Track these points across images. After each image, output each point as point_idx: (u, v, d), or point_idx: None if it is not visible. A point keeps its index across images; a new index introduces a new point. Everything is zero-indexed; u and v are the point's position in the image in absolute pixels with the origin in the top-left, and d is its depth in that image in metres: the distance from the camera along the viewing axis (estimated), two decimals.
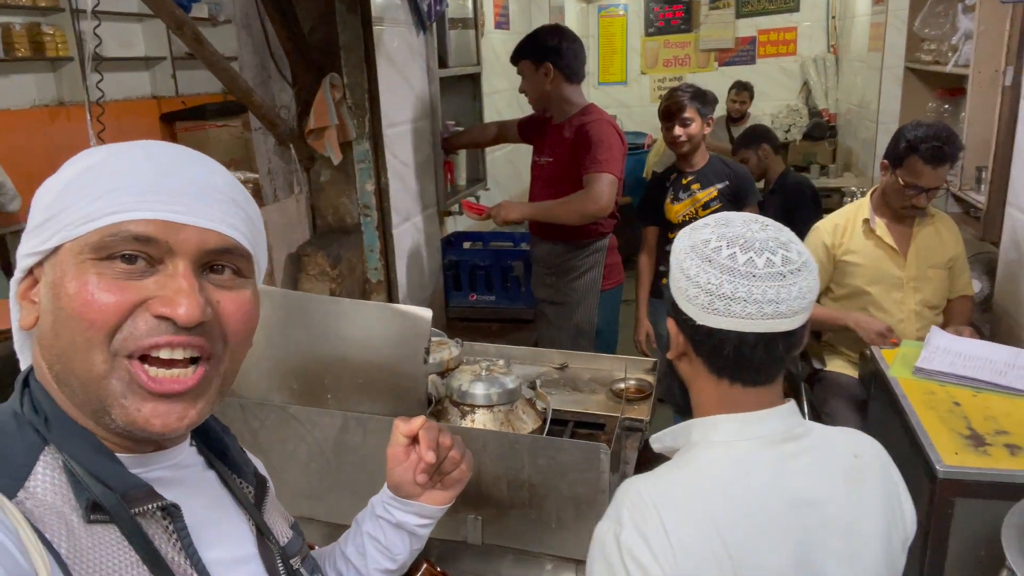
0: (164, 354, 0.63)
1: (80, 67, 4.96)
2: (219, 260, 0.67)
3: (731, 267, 0.91)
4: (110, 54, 5.06)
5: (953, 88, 3.61)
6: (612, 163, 2.47)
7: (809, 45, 7.00)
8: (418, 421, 0.99)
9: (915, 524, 1.03)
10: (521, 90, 2.72)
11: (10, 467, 0.61)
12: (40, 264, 0.66)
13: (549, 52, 2.56)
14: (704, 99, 2.72)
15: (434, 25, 2.88)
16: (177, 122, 5.52)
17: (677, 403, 1.11)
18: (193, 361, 0.66)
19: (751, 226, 0.94)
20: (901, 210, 2.35)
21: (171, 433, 0.65)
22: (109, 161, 0.65)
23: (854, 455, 0.99)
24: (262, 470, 0.89)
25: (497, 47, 4.09)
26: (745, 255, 0.91)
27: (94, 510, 0.62)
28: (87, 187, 0.63)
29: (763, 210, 2.87)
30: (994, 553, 1.55)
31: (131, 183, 0.63)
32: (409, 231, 2.80)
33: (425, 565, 1.23)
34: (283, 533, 0.82)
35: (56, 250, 0.64)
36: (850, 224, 2.46)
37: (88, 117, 1.57)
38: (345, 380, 1.46)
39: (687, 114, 2.68)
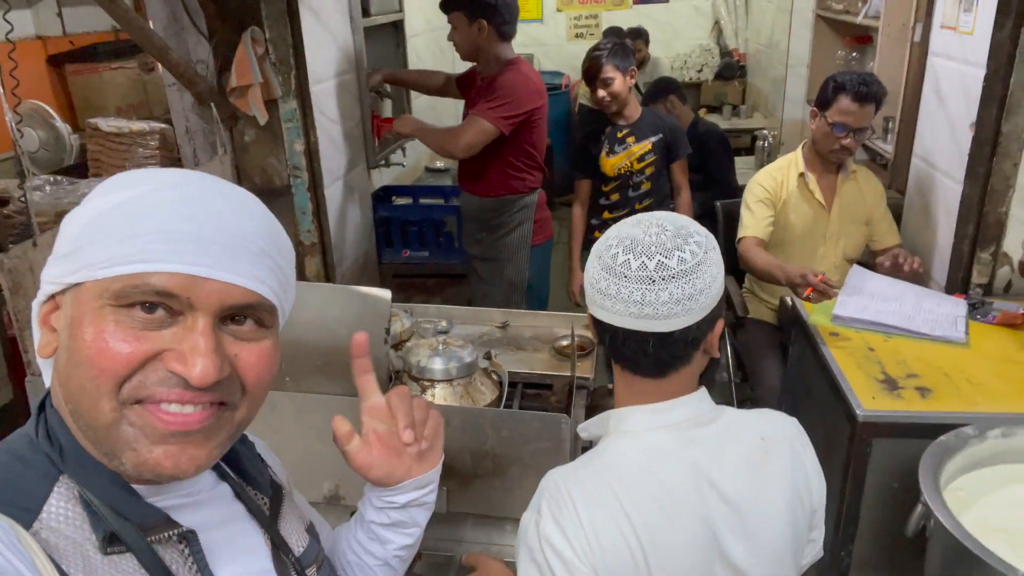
0: (174, 408, 0.63)
1: None
2: (241, 313, 0.66)
3: (610, 266, 0.99)
4: None
5: (861, 36, 3.76)
6: (497, 112, 2.49)
7: None
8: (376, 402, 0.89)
9: (823, 497, 1.10)
10: (450, 39, 2.67)
11: (26, 497, 0.61)
12: (62, 292, 0.65)
13: (485, 8, 2.51)
14: (622, 53, 2.74)
15: None
16: (66, 65, 5.08)
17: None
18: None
19: (650, 229, 0.99)
20: (829, 154, 2.44)
21: (181, 475, 0.65)
22: (143, 199, 0.63)
23: (761, 437, 1.05)
24: (278, 475, 0.88)
25: None
26: (624, 256, 0.97)
27: (111, 542, 0.62)
28: (115, 226, 0.61)
29: None
30: (907, 487, 1.72)
31: (159, 228, 0.61)
32: (340, 190, 2.74)
33: None
34: (299, 541, 0.81)
35: (78, 284, 0.63)
36: (786, 177, 2.54)
37: None
38: (303, 362, 1.46)
39: (607, 74, 2.71)
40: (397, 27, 3.41)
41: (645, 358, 1.01)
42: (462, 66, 2.85)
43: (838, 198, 2.51)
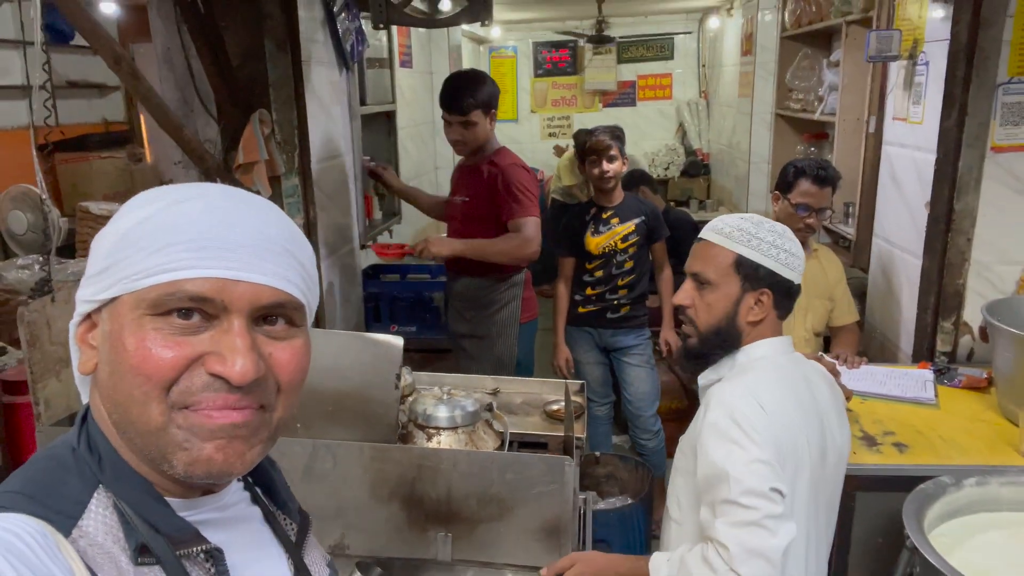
0: (217, 416, 0.65)
1: None
2: (273, 313, 0.68)
3: (793, 239, 1.47)
4: None
5: (818, 132, 4.05)
6: (535, 206, 2.65)
7: (683, 90, 7.56)
8: None
9: None
10: (458, 139, 2.72)
11: (67, 504, 0.62)
12: (98, 310, 0.67)
13: (494, 98, 2.69)
14: (622, 140, 2.94)
15: (355, 64, 2.96)
16: (56, 153, 5.20)
17: (685, 368, 1.55)
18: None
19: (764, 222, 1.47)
20: (795, 233, 2.60)
21: (231, 470, 0.67)
22: (169, 211, 0.65)
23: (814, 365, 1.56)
24: (301, 507, 0.89)
25: (402, 84, 4.20)
26: (787, 233, 1.47)
27: (142, 552, 0.63)
28: (146, 238, 0.64)
29: None
30: (891, 539, 1.78)
31: (189, 237, 0.64)
32: (335, 264, 2.83)
33: None
34: (320, 573, 0.82)
35: (114, 299, 0.65)
36: None
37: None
38: (313, 408, 1.51)
39: (613, 152, 2.89)
40: (389, 117, 3.61)
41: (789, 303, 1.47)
42: (443, 159, 3.03)
43: (803, 275, 2.66)
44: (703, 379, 1.49)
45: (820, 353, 2.47)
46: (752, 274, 1.42)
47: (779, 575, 1.24)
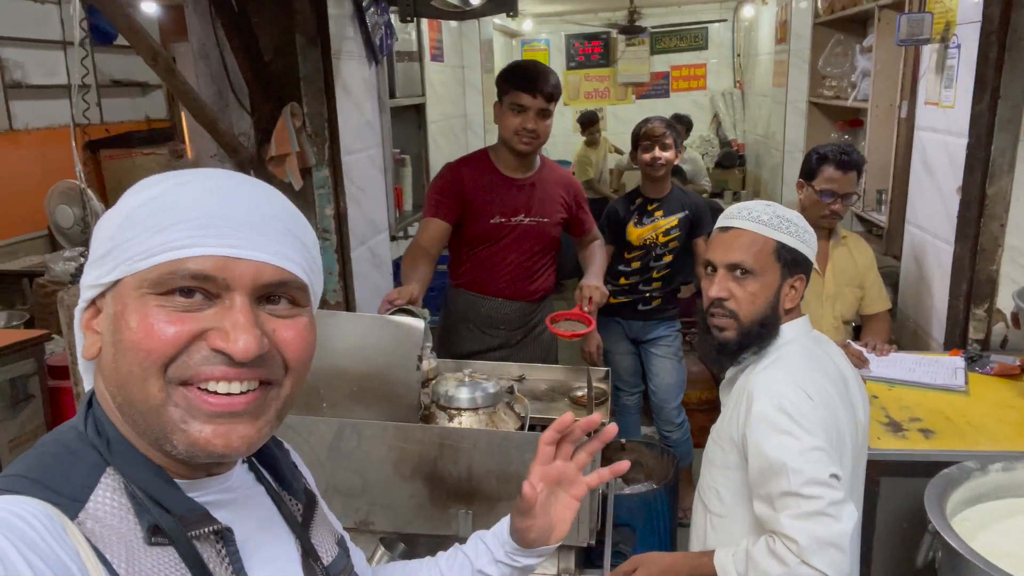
0: (221, 388, 0.65)
1: (3, 95, 4.81)
2: (275, 291, 0.68)
3: (794, 218, 1.47)
4: (33, 82, 4.94)
5: (852, 119, 4.00)
6: None
7: (717, 80, 7.50)
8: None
9: None
10: (533, 129, 2.32)
11: (73, 487, 0.62)
12: (102, 295, 0.67)
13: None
14: (676, 130, 2.94)
15: (384, 57, 3.01)
16: (102, 150, 5.39)
17: (720, 362, 1.55)
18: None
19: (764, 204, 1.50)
20: (820, 220, 2.58)
21: (233, 453, 0.67)
22: (170, 193, 0.65)
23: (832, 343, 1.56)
24: (311, 484, 0.89)
25: (433, 78, 4.26)
26: (791, 213, 1.48)
27: (155, 533, 0.64)
28: (147, 220, 0.64)
29: None
30: (916, 524, 1.77)
31: (190, 216, 0.64)
32: (365, 255, 2.89)
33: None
34: (328, 551, 0.82)
35: (117, 283, 0.65)
36: None
37: (74, 143, 1.61)
38: (339, 389, 1.56)
39: (667, 140, 2.88)
40: (419, 110, 3.67)
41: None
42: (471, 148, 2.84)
43: (831, 262, 2.64)
44: (730, 370, 1.50)
45: (848, 341, 2.45)
46: (791, 260, 1.43)
47: (848, 559, 1.25)
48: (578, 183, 2.60)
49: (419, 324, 1.51)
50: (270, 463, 0.80)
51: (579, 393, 2.06)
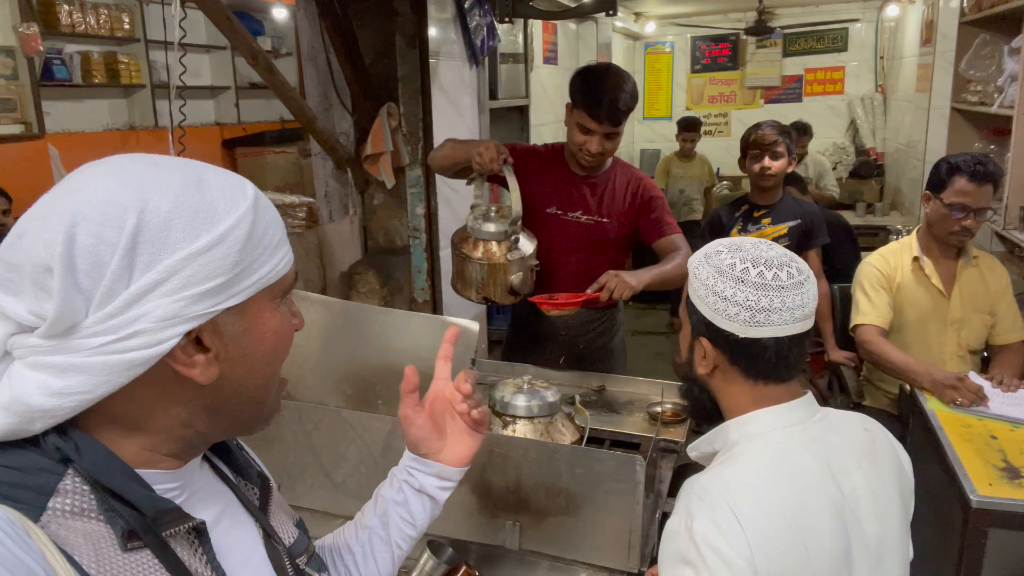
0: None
1: (151, 95, 5.25)
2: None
3: (762, 284, 1.05)
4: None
5: (998, 128, 3.62)
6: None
7: (856, 84, 7.02)
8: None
9: (911, 472, 1.18)
10: (599, 152, 2.20)
11: (30, 489, 0.60)
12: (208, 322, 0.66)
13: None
14: (791, 136, 2.77)
15: (486, 59, 3.02)
16: (237, 148, 5.77)
17: (707, 416, 1.20)
18: None
19: (759, 247, 1.09)
20: (949, 237, 2.33)
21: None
22: (259, 215, 0.69)
23: (864, 430, 1.15)
24: (263, 467, 0.90)
25: (545, 81, 4.24)
26: (770, 272, 1.05)
27: (129, 538, 0.62)
28: (264, 238, 0.69)
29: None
30: None
31: (279, 235, 0.73)
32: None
33: (464, 568, 1.29)
34: (288, 533, 0.83)
35: (241, 303, 0.68)
36: (899, 260, 2.45)
37: (171, 140, 1.71)
38: (394, 387, 1.55)
39: (779, 148, 2.73)
40: (523, 112, 3.66)
41: (785, 362, 1.09)
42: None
43: (958, 284, 2.38)
44: (692, 450, 1.21)
45: (970, 373, 2.20)
46: (714, 334, 1.11)
47: None
48: (651, 182, 2.37)
49: (473, 326, 1.48)
50: (222, 450, 0.81)
51: (658, 408, 1.97)
